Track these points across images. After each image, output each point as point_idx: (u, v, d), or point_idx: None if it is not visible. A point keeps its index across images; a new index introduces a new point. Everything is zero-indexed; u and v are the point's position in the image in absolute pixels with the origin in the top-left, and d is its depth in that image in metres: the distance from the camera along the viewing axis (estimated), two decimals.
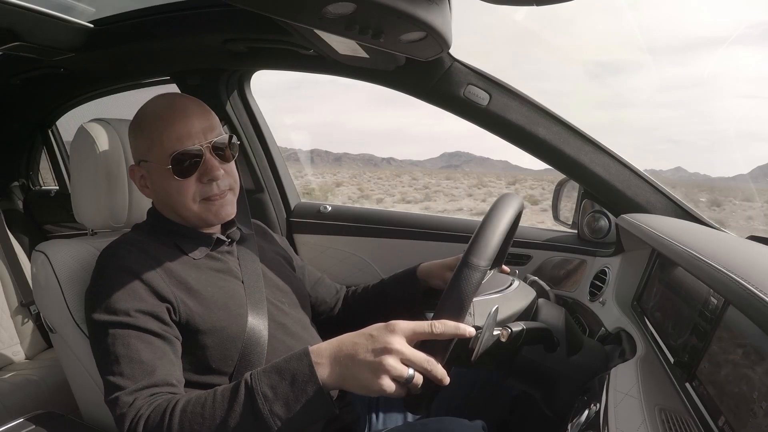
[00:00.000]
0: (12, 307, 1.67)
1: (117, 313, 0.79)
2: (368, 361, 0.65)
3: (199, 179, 0.88)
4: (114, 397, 0.74)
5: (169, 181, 0.87)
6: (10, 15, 1.18)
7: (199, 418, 0.68)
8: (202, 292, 0.86)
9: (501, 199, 0.80)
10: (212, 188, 0.89)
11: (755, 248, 0.81)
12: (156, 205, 0.96)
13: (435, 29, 0.82)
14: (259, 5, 0.76)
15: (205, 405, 0.69)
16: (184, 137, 0.86)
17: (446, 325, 0.67)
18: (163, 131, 0.86)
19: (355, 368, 0.66)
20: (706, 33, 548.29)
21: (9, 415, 1.24)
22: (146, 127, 0.89)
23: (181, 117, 0.87)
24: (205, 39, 1.35)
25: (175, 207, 0.90)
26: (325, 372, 0.66)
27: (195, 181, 0.88)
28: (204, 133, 0.88)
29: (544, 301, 0.89)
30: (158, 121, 0.88)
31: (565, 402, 0.81)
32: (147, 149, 0.89)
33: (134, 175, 0.94)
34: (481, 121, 1.30)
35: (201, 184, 0.89)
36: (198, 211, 0.90)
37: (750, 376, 0.56)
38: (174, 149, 0.86)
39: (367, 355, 0.65)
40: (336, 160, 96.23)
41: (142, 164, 0.91)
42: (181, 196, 0.88)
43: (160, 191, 0.91)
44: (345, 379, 0.66)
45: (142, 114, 0.92)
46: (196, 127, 0.88)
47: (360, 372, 0.65)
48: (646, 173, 1.28)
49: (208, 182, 0.89)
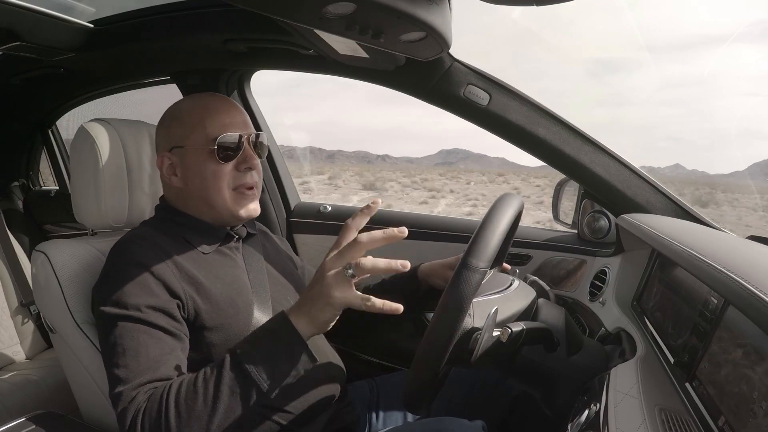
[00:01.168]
0: (12, 307, 1.67)
1: (127, 307, 0.79)
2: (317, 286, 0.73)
3: (237, 167, 0.92)
4: (117, 391, 0.75)
5: (208, 164, 0.91)
6: (10, 15, 1.18)
7: (192, 393, 0.72)
8: (211, 289, 0.87)
9: (501, 200, 0.80)
10: (246, 177, 0.93)
11: (755, 248, 0.81)
12: (174, 197, 0.97)
13: (435, 29, 0.82)
14: (259, 5, 0.76)
15: (196, 380, 0.73)
16: (228, 125, 0.91)
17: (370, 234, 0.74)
18: (206, 117, 0.91)
19: (312, 299, 0.73)
20: (707, 31, 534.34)
21: (9, 415, 1.24)
22: (186, 115, 0.93)
23: (225, 108, 0.93)
24: (205, 39, 1.35)
25: (209, 193, 0.92)
26: (296, 319, 0.73)
27: (232, 169, 0.92)
28: (244, 126, 0.94)
29: (544, 301, 0.89)
30: (201, 109, 0.92)
31: (565, 402, 0.81)
32: (186, 135, 0.92)
33: (162, 162, 0.95)
34: (481, 121, 1.30)
35: (237, 172, 0.92)
36: (229, 199, 0.92)
37: (750, 376, 0.56)
38: (218, 133, 0.90)
39: (314, 284, 0.74)
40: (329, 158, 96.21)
41: (175, 150, 0.93)
42: (217, 179, 0.91)
43: (195, 177, 0.92)
44: (312, 314, 0.73)
45: (178, 106, 0.96)
46: (238, 119, 0.93)
47: (316, 297, 0.73)
48: (645, 173, 1.28)
49: (246, 170, 0.93)
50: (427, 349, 0.69)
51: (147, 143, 1.07)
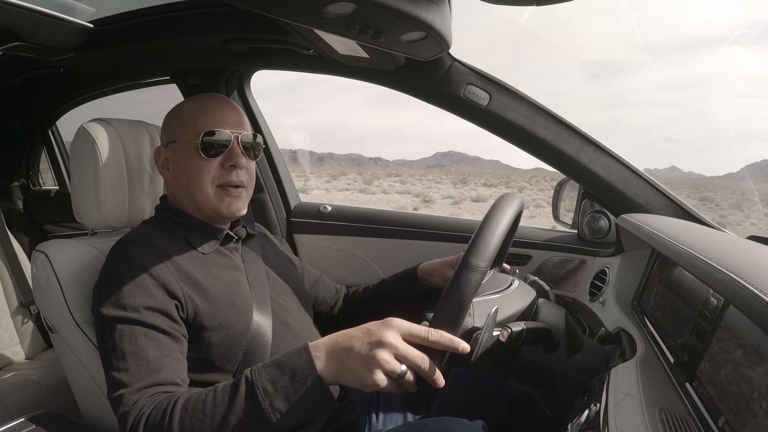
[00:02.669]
0: (12, 307, 1.67)
1: (126, 309, 0.79)
2: (362, 354, 0.65)
3: (222, 164, 0.92)
4: (118, 394, 0.74)
5: (193, 159, 0.91)
6: (10, 15, 1.18)
7: (200, 414, 0.68)
8: (210, 289, 0.87)
9: (501, 199, 0.80)
10: (231, 175, 0.93)
11: (755, 248, 0.81)
12: (170, 192, 0.99)
13: (435, 29, 0.82)
14: (259, 5, 0.76)
15: (206, 401, 0.69)
16: (218, 122, 0.92)
17: (442, 335, 0.66)
18: (199, 113, 0.93)
19: (350, 361, 0.66)
20: (705, 33, 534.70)
21: (9, 415, 1.24)
22: (184, 111, 0.95)
23: (219, 106, 0.95)
24: (205, 39, 1.35)
25: (192, 188, 0.92)
26: (322, 365, 0.67)
27: (217, 166, 0.92)
28: (236, 125, 0.94)
29: (544, 301, 0.89)
30: (196, 106, 0.94)
31: (565, 402, 0.81)
32: (179, 130, 0.94)
33: (158, 156, 0.98)
34: (481, 121, 1.30)
35: (222, 169, 0.93)
36: (212, 196, 0.93)
37: (750, 376, 0.56)
38: (207, 129, 0.91)
39: (362, 348, 0.66)
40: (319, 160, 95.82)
41: (170, 145, 0.95)
42: (201, 175, 0.92)
43: (182, 171, 0.93)
44: (341, 372, 0.67)
45: (181, 104, 0.99)
46: (230, 118, 0.94)
47: (355, 364, 0.66)
48: (645, 173, 1.28)
49: (230, 168, 0.93)
50: (428, 349, 0.69)
51: (147, 143, 1.07)
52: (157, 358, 0.76)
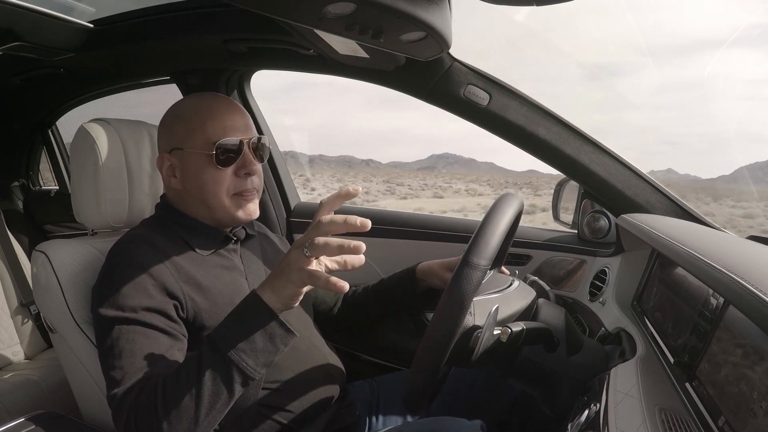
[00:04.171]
0: (12, 307, 1.67)
1: (124, 309, 0.79)
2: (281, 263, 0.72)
3: (236, 172, 0.91)
4: (113, 393, 0.75)
5: (207, 169, 0.89)
6: (10, 15, 1.18)
7: (176, 385, 0.71)
8: (210, 288, 0.87)
9: (501, 199, 0.80)
10: (247, 183, 0.92)
11: (755, 248, 0.81)
12: (174, 197, 0.97)
13: (435, 29, 0.82)
14: (259, 5, 0.76)
15: (179, 371, 0.72)
16: (228, 129, 0.89)
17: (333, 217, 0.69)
18: (207, 120, 0.89)
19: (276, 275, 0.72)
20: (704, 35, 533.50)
21: (9, 415, 1.24)
22: (187, 115, 0.91)
23: (227, 110, 0.91)
24: (205, 39, 1.35)
25: (207, 198, 0.91)
26: (263, 293, 0.72)
27: (231, 174, 0.90)
28: (245, 129, 0.92)
29: (544, 301, 0.89)
30: (202, 111, 0.90)
31: (565, 402, 0.81)
32: (185, 137, 0.90)
33: (162, 163, 0.94)
34: (481, 121, 1.30)
35: (237, 177, 0.91)
36: (229, 205, 0.91)
37: (750, 376, 0.56)
38: (218, 137, 0.88)
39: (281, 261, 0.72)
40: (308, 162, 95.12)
41: (175, 152, 0.92)
42: (216, 185, 0.90)
43: (194, 181, 0.91)
44: (276, 288, 0.72)
45: (180, 105, 0.95)
46: (239, 122, 0.91)
47: (278, 273, 0.72)
48: (645, 173, 1.28)
49: (245, 176, 0.91)
50: (428, 347, 0.69)
51: (147, 143, 1.07)
52: (154, 357, 0.77)
